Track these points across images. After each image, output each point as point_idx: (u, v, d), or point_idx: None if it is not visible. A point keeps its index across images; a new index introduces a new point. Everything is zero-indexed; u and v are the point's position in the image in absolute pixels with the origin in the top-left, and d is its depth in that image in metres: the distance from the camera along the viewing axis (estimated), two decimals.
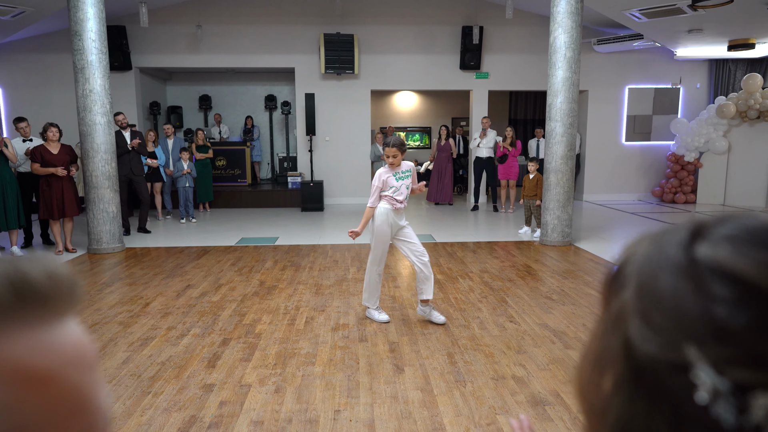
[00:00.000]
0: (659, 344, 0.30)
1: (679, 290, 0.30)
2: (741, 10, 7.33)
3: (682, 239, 0.33)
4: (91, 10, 6.26)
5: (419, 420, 2.70)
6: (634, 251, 0.36)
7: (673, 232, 0.34)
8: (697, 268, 0.30)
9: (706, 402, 0.27)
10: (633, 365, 0.31)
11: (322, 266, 5.86)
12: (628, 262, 0.35)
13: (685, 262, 0.31)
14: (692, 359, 0.28)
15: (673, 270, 0.31)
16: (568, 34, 6.51)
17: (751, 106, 9.65)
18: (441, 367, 3.31)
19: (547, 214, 6.94)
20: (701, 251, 0.31)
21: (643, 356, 0.31)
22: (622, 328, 0.33)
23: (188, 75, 12.88)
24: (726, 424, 0.27)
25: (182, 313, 4.32)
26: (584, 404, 0.38)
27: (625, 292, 0.34)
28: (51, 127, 6.39)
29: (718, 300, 0.29)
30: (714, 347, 0.28)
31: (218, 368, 3.30)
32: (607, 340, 0.34)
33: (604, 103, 11.19)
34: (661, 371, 0.30)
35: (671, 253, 0.32)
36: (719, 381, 0.27)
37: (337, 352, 3.56)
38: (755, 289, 0.28)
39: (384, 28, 10.65)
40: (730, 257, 0.30)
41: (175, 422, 2.67)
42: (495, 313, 4.30)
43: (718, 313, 0.28)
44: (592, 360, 0.37)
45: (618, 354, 0.33)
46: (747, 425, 0.26)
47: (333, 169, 10.91)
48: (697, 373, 0.28)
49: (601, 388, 0.34)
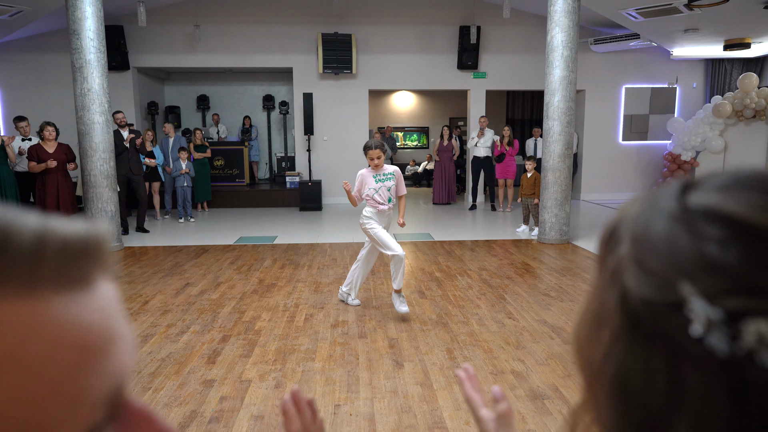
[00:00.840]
0: (654, 286, 0.31)
1: (672, 234, 0.32)
2: (736, 9, 7.37)
3: (673, 192, 0.35)
4: (89, 9, 6.26)
5: (419, 414, 2.71)
6: (627, 211, 0.37)
7: (665, 188, 0.36)
8: (689, 214, 0.32)
9: (700, 334, 0.29)
10: (630, 313, 0.33)
11: (320, 264, 5.87)
12: (622, 221, 0.37)
13: (677, 209, 0.33)
14: (686, 295, 0.30)
15: (666, 218, 0.33)
16: (565, 33, 6.54)
17: (746, 105, 9.70)
18: (440, 362, 3.33)
19: (545, 212, 6.96)
20: (692, 199, 0.33)
21: (640, 301, 0.32)
22: (619, 280, 0.34)
23: (186, 75, 12.88)
24: (720, 352, 0.28)
25: (182, 311, 4.33)
26: (582, 363, 0.39)
27: (621, 247, 0.35)
28: (47, 126, 6.39)
29: (709, 239, 0.30)
30: (706, 280, 0.29)
31: (218, 364, 3.31)
32: (605, 296, 0.36)
33: (601, 103, 11.23)
34: (656, 312, 0.31)
35: (664, 205, 0.34)
36: (712, 311, 0.29)
37: (336, 348, 3.57)
38: (744, 227, 0.30)
39: (382, 28, 10.67)
40: (719, 201, 0.31)
41: (176, 417, 2.68)
42: (493, 310, 4.32)
43: (709, 250, 0.30)
44: (590, 318, 0.38)
45: (616, 306, 0.34)
46: (739, 352, 0.28)
47: (331, 168, 10.92)
48: (691, 307, 0.29)
49: (600, 343, 0.35)
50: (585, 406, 0.38)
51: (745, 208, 0.30)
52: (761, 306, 0.28)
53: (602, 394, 0.36)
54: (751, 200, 0.31)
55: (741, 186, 0.32)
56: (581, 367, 0.39)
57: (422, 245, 6.88)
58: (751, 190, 0.31)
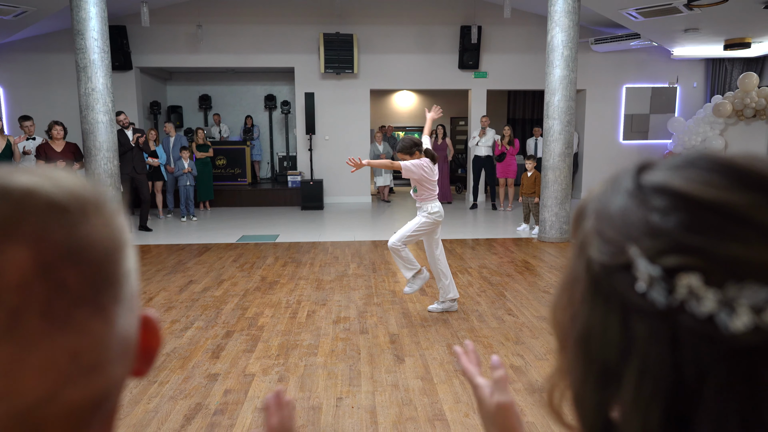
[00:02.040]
0: (610, 252, 0.36)
1: (626, 207, 0.37)
2: (737, 9, 7.40)
3: (631, 172, 0.40)
4: (93, 9, 6.32)
5: (419, 406, 2.76)
6: (594, 191, 0.43)
7: (624, 170, 0.41)
8: (642, 189, 0.37)
9: (644, 289, 0.34)
10: (592, 277, 0.38)
11: (322, 262, 5.92)
12: (589, 201, 0.42)
13: (632, 186, 0.38)
14: (633, 256, 0.35)
15: (623, 193, 0.38)
16: (565, 33, 6.59)
17: (747, 104, 9.73)
18: (441, 357, 3.38)
19: (545, 211, 7.01)
20: (646, 177, 0.38)
21: (599, 266, 0.37)
22: (585, 250, 0.39)
23: (188, 75, 12.93)
24: (659, 304, 0.33)
25: (185, 307, 4.38)
26: (556, 328, 0.44)
27: (587, 222, 0.41)
28: (55, 125, 6.46)
29: (654, 209, 0.35)
30: (648, 243, 0.34)
31: (222, 359, 3.37)
32: (575, 266, 0.41)
33: (602, 102, 11.27)
34: (611, 274, 0.36)
35: (623, 183, 0.39)
36: (652, 269, 0.33)
37: (338, 343, 3.62)
38: (683, 198, 0.35)
39: (383, 28, 10.72)
40: (667, 178, 0.37)
41: (182, 409, 2.73)
42: (494, 307, 4.36)
43: (653, 218, 0.35)
44: (563, 287, 0.43)
45: (582, 273, 0.39)
46: (674, 303, 0.33)
47: (332, 168, 10.97)
48: (637, 267, 0.34)
49: (571, 306, 0.41)
50: (560, 371, 0.43)
51: (687, 182, 0.35)
52: (691, 262, 0.32)
53: (570, 354, 0.40)
54: (692, 175, 0.36)
55: (686, 165, 0.37)
56: (556, 332, 0.44)
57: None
58: (693, 167, 0.36)
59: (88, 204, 0.36)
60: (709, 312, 0.32)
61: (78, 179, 0.38)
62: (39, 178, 0.35)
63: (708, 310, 0.32)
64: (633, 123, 11.39)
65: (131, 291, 0.38)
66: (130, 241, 0.39)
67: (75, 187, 0.36)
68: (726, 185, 0.34)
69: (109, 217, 0.37)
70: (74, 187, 0.36)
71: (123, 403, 2.76)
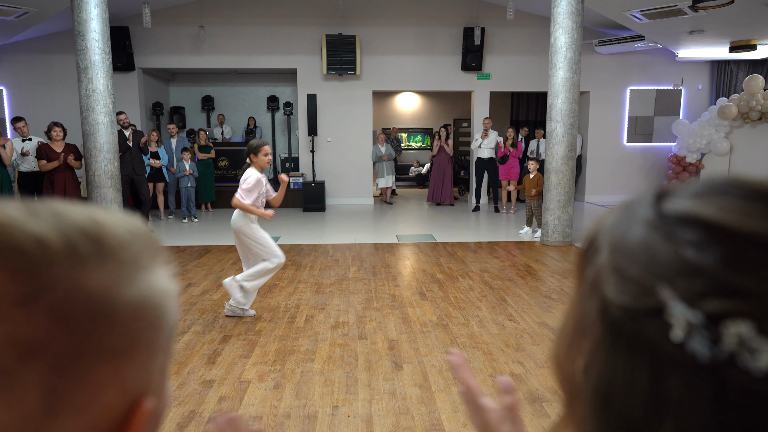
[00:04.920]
0: (633, 293, 0.31)
1: (650, 240, 0.32)
2: (742, 11, 7.33)
3: (649, 200, 0.34)
4: (94, 11, 6.30)
5: (417, 416, 2.72)
6: (605, 221, 0.37)
7: (640, 198, 0.36)
8: (665, 220, 0.32)
9: (681, 339, 0.28)
10: (611, 322, 0.32)
11: (322, 265, 5.88)
12: (599, 232, 0.37)
13: (653, 216, 0.33)
14: (665, 299, 0.29)
15: (643, 225, 0.33)
16: (568, 35, 6.53)
17: (752, 107, 9.65)
18: (439, 364, 3.33)
19: (548, 214, 6.95)
20: (668, 206, 0.33)
21: (620, 309, 0.32)
22: (599, 289, 0.34)
23: (191, 76, 12.93)
24: (701, 357, 0.28)
25: (183, 311, 4.34)
26: (562, 376, 0.38)
27: (600, 257, 0.35)
28: (55, 126, 6.45)
29: (686, 243, 0.30)
30: (684, 284, 0.29)
31: (218, 365, 3.32)
32: (584, 307, 0.35)
33: (606, 105, 11.20)
34: (637, 319, 0.31)
35: (640, 213, 0.34)
36: (692, 314, 0.28)
37: (336, 349, 3.58)
38: (720, 230, 0.30)
39: (386, 30, 10.68)
40: (694, 206, 0.31)
41: (175, 417, 2.69)
42: (494, 312, 4.31)
43: (687, 254, 0.30)
44: (570, 330, 0.37)
45: (596, 316, 0.34)
46: (721, 355, 0.27)
47: (335, 169, 10.94)
48: (671, 312, 0.29)
49: (580, 355, 0.35)
50: (565, 421, 0.38)
51: (721, 211, 0.30)
52: (740, 307, 0.27)
53: (584, 407, 0.35)
54: (726, 204, 0.31)
55: (715, 192, 0.32)
56: (561, 381, 0.39)
57: (424, 247, 6.88)
58: (725, 195, 0.31)
59: None
60: (766, 366, 0.27)
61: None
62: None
63: (766, 365, 0.27)
64: (637, 125, 11.32)
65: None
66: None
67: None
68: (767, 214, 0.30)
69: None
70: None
71: None
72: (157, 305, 0.35)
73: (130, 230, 0.35)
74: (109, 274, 0.32)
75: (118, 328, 0.32)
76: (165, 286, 0.36)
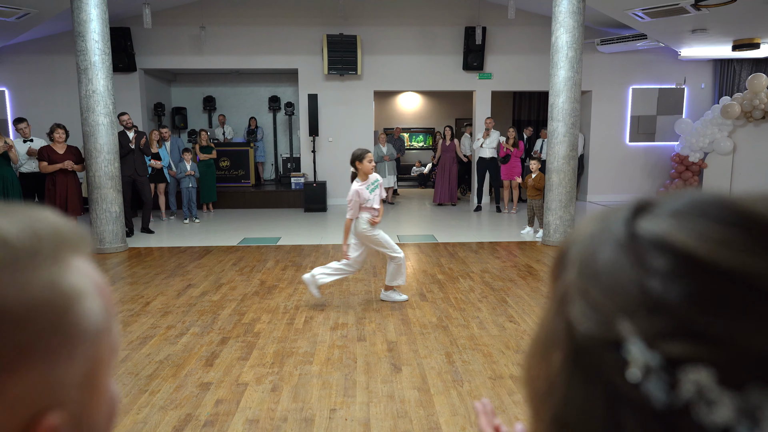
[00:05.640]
0: (596, 321, 0.29)
1: (617, 265, 0.29)
2: (745, 9, 7.28)
3: (625, 216, 0.32)
4: (94, 11, 6.29)
5: (415, 419, 2.69)
6: (579, 232, 0.35)
7: (618, 210, 0.33)
8: (637, 242, 0.29)
9: (637, 379, 0.26)
10: (573, 346, 0.30)
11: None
12: (572, 246, 0.34)
13: (625, 236, 0.30)
14: (624, 334, 0.27)
15: (614, 245, 0.30)
16: (569, 34, 6.50)
17: (756, 106, 9.59)
18: (439, 366, 3.31)
19: (550, 214, 6.91)
20: (642, 225, 0.30)
21: (582, 336, 0.29)
22: (565, 309, 0.32)
23: (192, 76, 12.93)
24: (656, 401, 0.26)
25: (182, 312, 4.33)
26: (530, 391, 0.36)
27: (568, 273, 0.33)
28: (57, 128, 6.45)
29: (653, 272, 0.27)
30: (646, 320, 0.26)
31: (216, 367, 3.31)
32: (553, 324, 0.33)
33: (608, 104, 11.15)
34: (596, 349, 0.28)
35: (613, 230, 0.31)
36: (650, 356, 0.26)
37: (335, 351, 3.55)
38: (691, 261, 0.27)
39: (387, 29, 10.66)
40: (669, 230, 0.28)
41: (171, 420, 2.67)
42: (495, 313, 4.28)
43: (652, 286, 0.27)
44: (538, 346, 0.35)
45: (561, 337, 0.32)
46: (677, 402, 0.25)
47: (336, 169, 10.92)
48: (629, 348, 0.27)
49: (547, 373, 0.33)
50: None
51: (695, 238, 0.27)
52: (702, 353, 0.25)
53: (542, 427, 0.33)
54: (703, 229, 0.27)
55: (695, 212, 0.29)
56: (528, 395, 0.37)
57: (425, 247, 6.86)
58: (704, 217, 0.28)
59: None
60: (723, 423, 0.24)
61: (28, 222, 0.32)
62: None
63: (722, 420, 0.24)
64: (640, 124, 11.26)
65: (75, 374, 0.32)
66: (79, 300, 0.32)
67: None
68: (748, 246, 0.26)
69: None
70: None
71: None
72: (57, 308, 0.32)
73: (26, 228, 0.32)
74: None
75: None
76: (74, 285, 0.33)
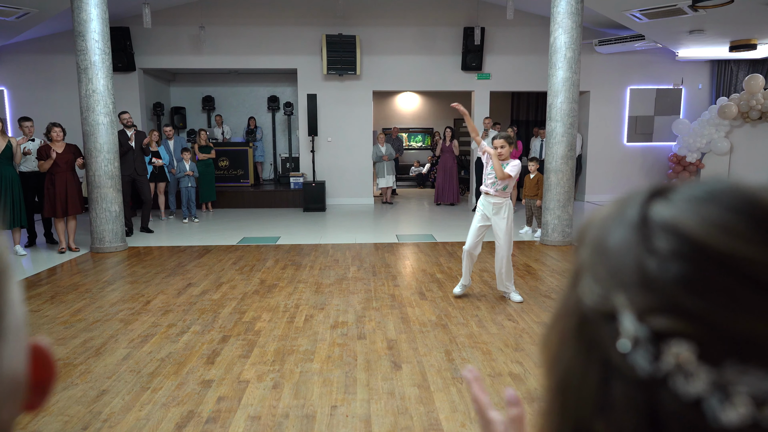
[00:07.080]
0: (599, 295, 0.31)
1: (624, 244, 0.31)
2: (742, 10, 7.33)
3: (642, 199, 0.33)
4: (94, 11, 6.31)
5: (415, 415, 2.72)
6: (599, 213, 0.37)
7: (635, 194, 0.35)
8: (647, 224, 0.31)
9: (626, 349, 0.28)
10: (580, 318, 0.32)
11: (322, 265, 5.88)
12: (592, 223, 0.36)
13: (638, 219, 0.32)
14: (619, 307, 0.29)
15: (626, 226, 0.32)
16: (568, 35, 6.53)
17: (752, 106, 9.64)
18: (438, 364, 3.33)
19: (548, 214, 6.95)
20: (656, 209, 0.32)
21: (587, 308, 0.32)
22: (577, 284, 0.34)
23: (191, 76, 12.94)
24: (641, 371, 0.27)
25: (183, 311, 4.35)
26: (544, 356, 0.38)
27: (584, 250, 0.35)
28: (54, 127, 6.45)
29: (654, 252, 0.29)
30: (639, 295, 0.28)
31: (217, 365, 3.33)
32: (568, 296, 0.36)
33: (606, 104, 11.19)
34: (596, 321, 0.31)
35: (628, 212, 0.33)
36: (639, 328, 0.28)
37: (335, 349, 3.58)
38: (692, 244, 0.28)
39: (386, 30, 10.68)
40: (679, 214, 0.30)
41: (173, 417, 2.70)
42: (494, 312, 4.31)
43: (649, 265, 0.29)
44: (556, 315, 0.37)
45: (572, 308, 0.34)
46: (658, 373, 0.27)
47: (335, 169, 10.94)
48: (622, 320, 0.29)
49: (557, 341, 0.35)
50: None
51: (701, 223, 0.29)
52: (686, 329, 0.27)
53: (547, 399, 0.36)
54: (711, 216, 0.29)
55: (709, 199, 0.30)
56: (544, 361, 0.38)
57: (424, 246, 6.89)
58: (715, 204, 0.29)
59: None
60: (697, 394, 0.26)
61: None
62: None
63: (696, 392, 0.26)
64: (637, 125, 11.31)
65: (15, 322, 0.34)
66: (9, 268, 0.34)
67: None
68: (747, 234, 0.27)
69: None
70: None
71: (115, 410, 2.72)
72: None
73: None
74: None
75: None
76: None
